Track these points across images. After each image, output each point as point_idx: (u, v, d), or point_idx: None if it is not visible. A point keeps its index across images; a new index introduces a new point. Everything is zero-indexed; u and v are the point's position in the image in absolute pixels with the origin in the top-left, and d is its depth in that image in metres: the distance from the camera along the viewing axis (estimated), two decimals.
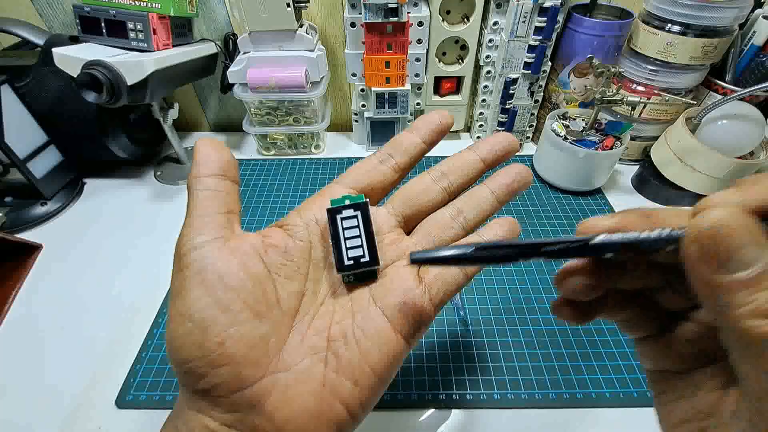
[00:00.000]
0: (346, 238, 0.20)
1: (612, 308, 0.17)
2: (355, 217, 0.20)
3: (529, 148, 0.64)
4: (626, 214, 0.14)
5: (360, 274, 0.20)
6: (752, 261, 0.11)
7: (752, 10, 0.48)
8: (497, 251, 0.15)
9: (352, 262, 0.20)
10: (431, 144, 0.23)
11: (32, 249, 0.48)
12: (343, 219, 0.20)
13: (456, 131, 0.69)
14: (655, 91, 0.52)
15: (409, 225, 0.23)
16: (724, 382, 0.14)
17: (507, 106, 0.59)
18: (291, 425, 0.17)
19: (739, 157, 0.48)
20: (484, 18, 0.55)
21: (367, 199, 0.21)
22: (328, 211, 0.20)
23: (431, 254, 0.16)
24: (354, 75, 0.58)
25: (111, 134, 0.53)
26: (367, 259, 0.20)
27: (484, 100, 0.62)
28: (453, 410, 0.35)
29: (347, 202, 0.20)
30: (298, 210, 0.22)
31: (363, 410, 0.18)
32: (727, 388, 0.14)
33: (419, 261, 0.16)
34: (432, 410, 0.35)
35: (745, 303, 0.11)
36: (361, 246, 0.20)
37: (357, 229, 0.20)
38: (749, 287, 0.11)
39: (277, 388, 0.17)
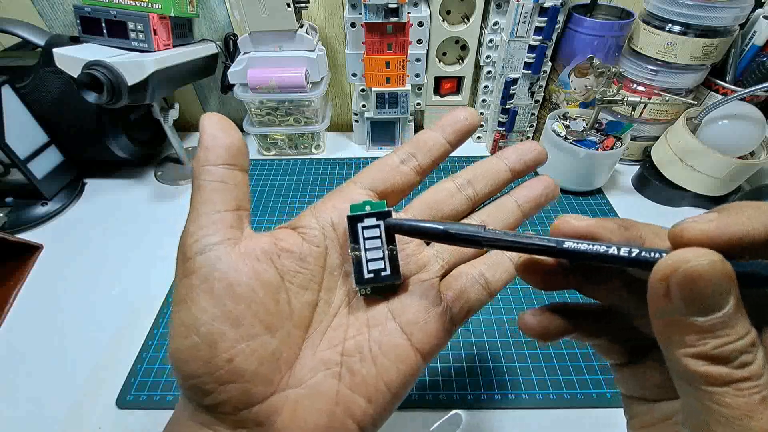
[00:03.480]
0: (366, 249, 0.18)
1: (583, 332, 0.17)
2: (378, 226, 0.19)
3: None
4: (605, 221, 0.14)
5: (379, 287, 0.19)
6: (714, 309, 0.11)
7: (753, 10, 0.48)
8: (466, 235, 0.16)
9: (372, 275, 0.18)
10: (456, 145, 0.22)
11: (33, 249, 0.48)
12: (364, 228, 0.19)
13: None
14: (656, 92, 0.52)
15: None
16: None
17: (507, 106, 0.59)
18: None
19: (740, 157, 0.47)
20: (485, 18, 0.55)
21: (391, 208, 0.19)
22: (349, 219, 0.19)
23: (405, 223, 0.18)
24: (354, 75, 0.58)
25: (111, 134, 0.53)
26: (388, 272, 0.18)
27: (484, 101, 0.62)
28: (454, 411, 0.35)
29: (368, 209, 0.19)
30: (313, 210, 0.20)
31: (375, 427, 0.17)
32: None
33: (392, 228, 0.18)
34: (433, 411, 0.35)
35: (694, 345, 0.11)
36: (383, 258, 0.18)
37: (379, 240, 0.19)
38: (702, 332, 0.11)
39: (288, 405, 0.16)
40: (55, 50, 0.45)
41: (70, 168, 0.56)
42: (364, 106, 0.61)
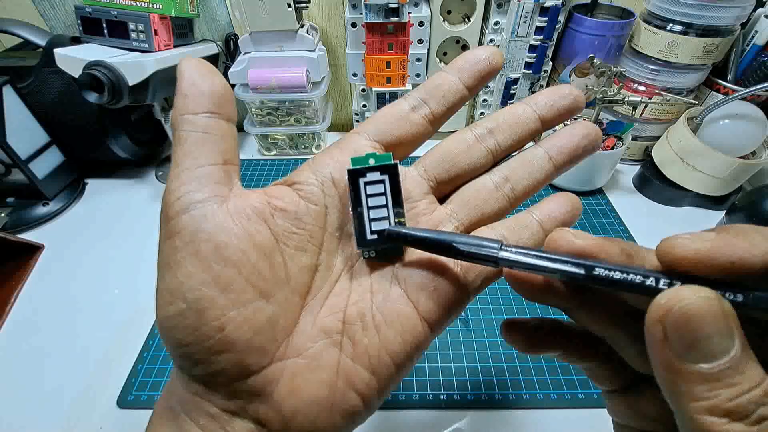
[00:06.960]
0: (369, 207, 0.17)
1: (570, 354, 0.16)
2: (382, 182, 0.17)
3: None
4: (607, 242, 0.13)
5: (384, 250, 0.17)
6: (718, 354, 0.10)
7: (754, 10, 0.48)
8: (477, 254, 0.14)
9: (375, 236, 0.17)
10: (474, 90, 0.19)
11: (34, 249, 0.48)
12: (367, 184, 0.17)
13: (455, 132, 0.69)
14: (657, 91, 0.52)
15: (442, 191, 0.19)
16: None
17: None
18: (300, 416, 0.15)
19: (741, 157, 0.47)
20: (485, 18, 0.55)
21: (397, 161, 0.17)
22: (349, 172, 0.17)
23: (411, 233, 0.15)
24: (355, 75, 0.58)
25: (112, 135, 0.53)
26: None
27: (485, 100, 0.62)
28: (454, 411, 0.35)
29: (372, 162, 0.17)
30: (311, 164, 0.18)
31: (379, 399, 0.16)
32: None
33: (394, 237, 0.15)
34: (433, 411, 0.35)
35: (704, 397, 0.10)
36: (388, 218, 0.17)
37: (383, 197, 0.17)
38: (711, 382, 0.10)
39: (285, 376, 0.15)
40: (56, 50, 0.45)
41: (71, 168, 0.56)
42: (364, 106, 0.61)
